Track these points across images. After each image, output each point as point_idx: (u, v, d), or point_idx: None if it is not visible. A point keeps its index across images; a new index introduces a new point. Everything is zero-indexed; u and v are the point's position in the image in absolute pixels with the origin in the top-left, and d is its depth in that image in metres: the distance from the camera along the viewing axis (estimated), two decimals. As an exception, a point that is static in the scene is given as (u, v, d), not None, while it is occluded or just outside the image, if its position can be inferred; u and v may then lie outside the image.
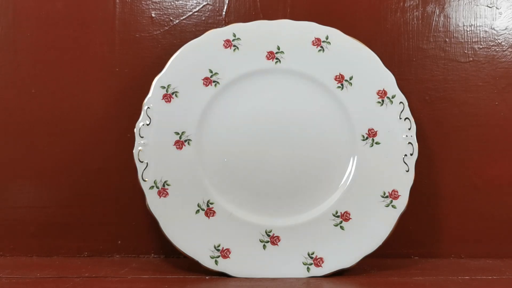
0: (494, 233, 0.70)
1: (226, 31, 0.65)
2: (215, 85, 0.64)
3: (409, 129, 0.64)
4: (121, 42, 0.71)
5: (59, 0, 0.71)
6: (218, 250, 0.61)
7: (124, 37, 0.71)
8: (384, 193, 0.63)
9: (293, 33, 0.65)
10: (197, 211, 0.62)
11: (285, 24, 0.66)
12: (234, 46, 0.65)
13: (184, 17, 0.71)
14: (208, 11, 0.71)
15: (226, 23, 0.70)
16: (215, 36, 0.65)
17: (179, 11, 0.71)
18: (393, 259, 0.68)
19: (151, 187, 0.62)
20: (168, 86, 0.63)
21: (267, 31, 0.65)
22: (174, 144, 0.63)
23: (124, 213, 0.70)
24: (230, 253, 0.61)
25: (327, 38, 0.65)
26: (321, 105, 0.65)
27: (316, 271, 0.61)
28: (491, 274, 0.62)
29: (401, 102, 0.64)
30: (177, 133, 0.63)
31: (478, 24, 0.71)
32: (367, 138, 0.64)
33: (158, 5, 0.71)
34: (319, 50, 0.65)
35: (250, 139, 0.64)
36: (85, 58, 0.70)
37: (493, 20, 0.71)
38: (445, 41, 0.71)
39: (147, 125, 0.62)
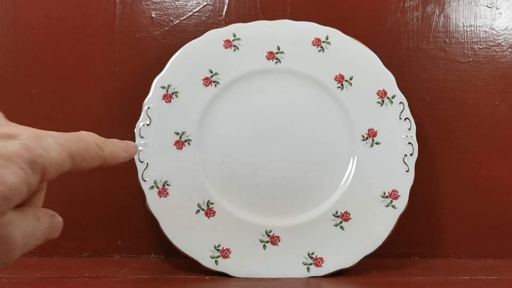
0: (494, 233, 0.70)
1: (226, 31, 0.65)
2: (215, 85, 0.64)
3: (409, 129, 0.64)
4: (121, 42, 0.71)
5: (59, 0, 0.71)
6: (218, 250, 0.61)
7: (124, 37, 0.71)
8: (384, 193, 0.63)
9: (293, 33, 0.65)
10: (197, 211, 0.62)
11: (285, 24, 0.66)
12: (234, 46, 0.65)
13: (184, 18, 0.71)
14: (208, 12, 0.71)
15: (226, 23, 0.70)
16: (215, 36, 0.65)
17: (179, 11, 0.71)
18: (393, 259, 0.68)
19: (151, 187, 0.62)
20: (168, 86, 0.63)
21: (267, 31, 0.65)
22: (174, 144, 0.63)
23: (124, 213, 0.70)
24: (230, 253, 0.61)
25: (327, 38, 0.65)
26: (321, 105, 0.65)
27: (316, 271, 0.61)
28: (491, 274, 0.62)
29: (401, 102, 0.64)
30: (177, 133, 0.63)
31: (478, 24, 0.71)
32: (367, 138, 0.64)
33: (158, 5, 0.71)
34: (319, 50, 0.65)
35: (250, 139, 0.64)
36: (85, 59, 0.70)
37: (493, 20, 0.71)
38: (445, 41, 0.71)
39: (147, 125, 0.62)
